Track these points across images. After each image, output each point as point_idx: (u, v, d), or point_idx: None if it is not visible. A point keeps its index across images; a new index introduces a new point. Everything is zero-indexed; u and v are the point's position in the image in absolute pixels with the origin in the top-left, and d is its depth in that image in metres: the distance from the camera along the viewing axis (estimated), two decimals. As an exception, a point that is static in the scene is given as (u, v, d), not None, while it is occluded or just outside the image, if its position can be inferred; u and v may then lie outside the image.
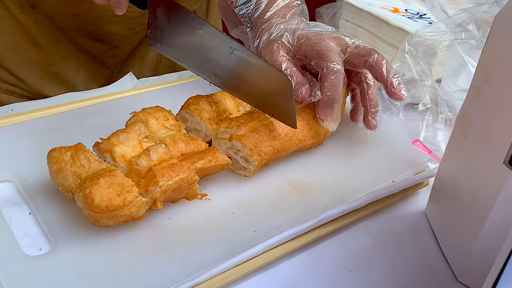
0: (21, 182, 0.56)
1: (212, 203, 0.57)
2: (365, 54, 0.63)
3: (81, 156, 0.53)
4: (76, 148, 0.53)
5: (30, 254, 0.49)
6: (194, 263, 0.49)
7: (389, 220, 0.61)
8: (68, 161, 0.52)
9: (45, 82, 0.83)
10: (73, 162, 0.52)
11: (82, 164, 0.52)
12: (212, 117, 0.62)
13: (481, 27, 0.70)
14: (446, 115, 0.72)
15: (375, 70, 0.63)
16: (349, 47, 0.65)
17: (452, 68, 0.74)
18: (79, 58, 0.84)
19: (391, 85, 0.63)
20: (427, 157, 0.68)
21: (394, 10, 0.88)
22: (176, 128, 0.60)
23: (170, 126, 0.60)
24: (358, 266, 0.55)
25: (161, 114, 0.60)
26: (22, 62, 0.81)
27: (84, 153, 0.53)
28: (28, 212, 0.54)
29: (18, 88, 0.83)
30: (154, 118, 0.59)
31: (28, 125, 0.65)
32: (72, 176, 0.52)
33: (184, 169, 0.53)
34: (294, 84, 0.62)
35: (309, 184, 0.61)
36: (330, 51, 0.62)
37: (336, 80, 0.61)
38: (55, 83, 0.84)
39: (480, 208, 0.50)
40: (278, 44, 0.64)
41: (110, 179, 0.49)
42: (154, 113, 0.60)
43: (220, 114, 0.63)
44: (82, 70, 0.85)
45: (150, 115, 0.59)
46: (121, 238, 0.51)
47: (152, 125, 0.59)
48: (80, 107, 0.70)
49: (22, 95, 0.84)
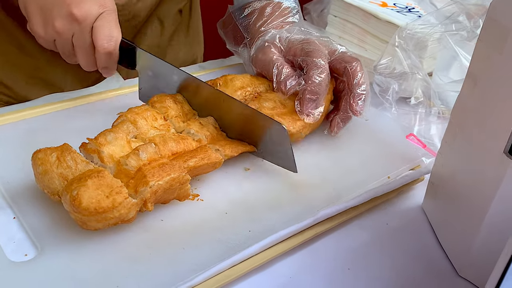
0: (4, 186, 0.54)
1: (205, 203, 0.55)
2: (348, 61, 0.66)
3: (67, 157, 0.51)
4: (62, 149, 0.52)
5: (15, 260, 0.47)
6: (188, 265, 0.47)
7: (386, 216, 0.60)
8: (54, 163, 0.50)
9: (31, 87, 0.81)
10: (59, 163, 0.50)
11: (69, 165, 0.50)
12: (178, 115, 0.61)
13: (472, 18, 0.69)
14: (439, 108, 0.71)
15: (349, 78, 0.65)
16: (336, 51, 0.67)
17: (443, 61, 0.73)
18: (65, 62, 0.82)
19: (354, 96, 0.64)
20: (421, 151, 0.67)
21: (383, 4, 0.87)
22: (165, 128, 0.59)
23: (159, 126, 0.58)
24: (357, 263, 0.53)
25: (150, 113, 0.59)
26: (7, 67, 0.79)
27: (70, 154, 0.51)
28: (12, 216, 0.52)
29: (4, 95, 0.81)
30: (142, 118, 0.58)
31: (10, 128, 0.63)
32: (58, 178, 0.50)
33: (175, 168, 0.51)
34: (284, 76, 0.64)
35: (303, 182, 0.60)
36: (317, 51, 0.65)
37: (320, 75, 0.63)
38: (41, 88, 0.82)
39: (480, 200, 0.49)
40: (269, 44, 0.68)
41: (98, 180, 0.47)
42: (142, 113, 0.58)
43: (185, 114, 0.62)
44: (69, 74, 0.83)
45: (138, 115, 0.58)
46: (110, 242, 0.49)
47: (141, 125, 0.57)
48: (64, 108, 0.68)
49: (7, 102, 0.81)
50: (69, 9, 0.60)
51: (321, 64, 0.64)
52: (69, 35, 0.62)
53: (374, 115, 0.73)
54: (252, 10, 0.74)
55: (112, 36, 0.62)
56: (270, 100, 0.65)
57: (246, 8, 0.75)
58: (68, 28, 0.61)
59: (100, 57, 0.63)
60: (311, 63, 0.64)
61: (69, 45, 0.63)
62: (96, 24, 0.61)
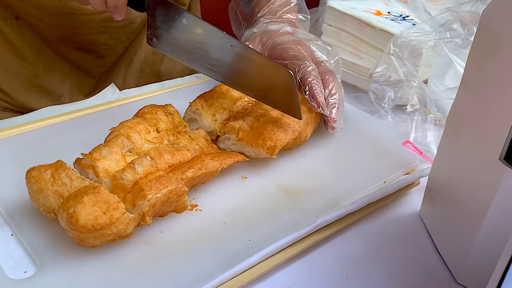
0: (1, 203, 0.54)
1: (203, 213, 0.55)
2: (323, 72, 0.67)
3: (62, 174, 0.50)
4: (56, 166, 0.51)
5: (15, 277, 0.46)
6: (189, 277, 0.47)
7: (384, 224, 0.60)
8: (49, 180, 0.50)
9: (29, 94, 0.82)
10: (53, 181, 0.50)
11: (64, 182, 0.50)
12: (168, 128, 0.61)
13: (466, 25, 0.70)
14: (435, 115, 0.71)
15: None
16: (316, 58, 0.69)
17: (438, 68, 0.73)
18: (64, 69, 0.83)
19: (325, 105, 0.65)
20: (418, 158, 0.67)
21: (377, 13, 0.88)
22: (159, 140, 0.58)
23: (153, 139, 0.58)
24: (355, 272, 0.53)
25: (142, 127, 0.58)
26: (6, 75, 0.79)
27: (65, 171, 0.50)
28: (10, 233, 0.51)
29: (2, 101, 0.81)
30: (135, 132, 0.57)
31: (6, 143, 0.63)
32: (54, 196, 0.49)
33: (172, 180, 0.51)
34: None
35: (300, 188, 0.60)
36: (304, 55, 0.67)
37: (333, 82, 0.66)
38: (40, 95, 0.82)
39: (477, 207, 0.49)
40: (257, 38, 0.69)
41: (95, 197, 0.47)
42: (134, 127, 0.58)
43: (175, 126, 0.62)
44: (67, 80, 0.84)
45: (131, 130, 0.57)
46: (110, 256, 0.49)
47: (135, 139, 0.57)
48: (60, 121, 0.68)
49: (6, 108, 0.82)
50: None
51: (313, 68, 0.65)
52: None
53: (370, 123, 0.73)
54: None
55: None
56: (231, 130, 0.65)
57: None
58: None
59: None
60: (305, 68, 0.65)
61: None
62: None
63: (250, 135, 0.61)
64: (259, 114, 0.63)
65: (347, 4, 0.89)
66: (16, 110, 0.82)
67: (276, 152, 0.60)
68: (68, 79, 0.84)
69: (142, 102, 0.74)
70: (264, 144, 0.60)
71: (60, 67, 0.82)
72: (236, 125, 0.62)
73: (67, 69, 0.83)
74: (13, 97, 0.81)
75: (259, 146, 0.60)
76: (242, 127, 0.62)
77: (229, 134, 0.62)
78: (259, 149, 0.60)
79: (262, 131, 0.61)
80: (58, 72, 0.82)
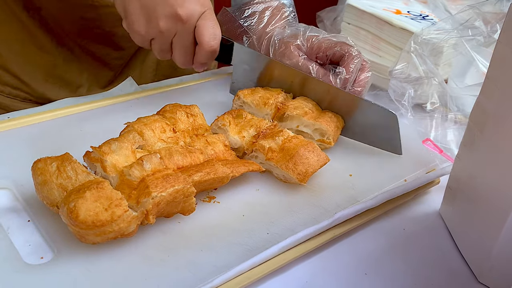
0: (18, 189, 0.54)
1: (221, 206, 0.55)
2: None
3: (67, 167, 0.49)
4: (62, 158, 0.50)
5: (32, 263, 0.46)
6: (206, 267, 0.47)
7: (403, 221, 0.59)
8: (54, 173, 0.49)
9: (48, 85, 0.82)
10: (59, 173, 0.49)
11: (69, 175, 0.49)
12: (186, 129, 0.60)
13: (489, 23, 0.69)
14: (455, 114, 0.70)
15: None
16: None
17: (459, 67, 0.72)
18: (83, 60, 0.83)
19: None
20: (438, 157, 0.66)
21: (397, 11, 0.87)
22: (174, 140, 0.57)
23: (167, 138, 0.57)
24: (374, 268, 0.52)
25: (158, 125, 0.57)
26: (26, 65, 0.80)
27: (71, 164, 0.49)
28: (27, 219, 0.51)
29: (22, 92, 0.82)
30: (150, 129, 0.56)
31: (24, 131, 0.63)
32: (58, 189, 0.48)
33: (179, 180, 0.49)
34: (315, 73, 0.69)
35: (320, 184, 0.60)
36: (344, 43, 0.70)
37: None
38: (59, 86, 0.83)
39: (501, 204, 0.48)
40: (293, 46, 0.71)
41: (97, 192, 0.45)
42: (150, 124, 0.56)
43: (195, 128, 0.60)
44: (86, 72, 0.84)
45: (146, 126, 0.56)
46: (128, 244, 0.49)
47: (148, 137, 0.55)
48: (78, 112, 0.68)
49: (25, 99, 0.83)
50: (174, 9, 0.61)
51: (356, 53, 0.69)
52: (171, 33, 0.64)
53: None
54: (253, 12, 0.77)
55: (216, 34, 0.65)
56: (298, 107, 0.65)
57: (246, 10, 0.77)
58: (172, 27, 0.63)
59: (202, 54, 0.66)
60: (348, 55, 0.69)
61: (168, 44, 0.65)
62: (200, 23, 0.64)
63: (280, 156, 0.59)
64: (290, 136, 0.61)
65: (366, 2, 0.89)
66: (35, 101, 0.83)
67: (307, 179, 0.57)
68: (87, 70, 0.84)
69: (159, 96, 0.75)
70: (295, 168, 0.57)
71: (79, 58, 0.82)
72: (266, 145, 0.59)
73: (86, 61, 0.83)
74: (33, 87, 0.82)
75: (289, 170, 0.57)
76: (271, 147, 0.59)
77: (257, 153, 0.60)
78: (289, 173, 0.57)
79: (293, 154, 0.58)
80: (77, 63, 0.82)
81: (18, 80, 0.80)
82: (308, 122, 0.63)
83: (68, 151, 0.52)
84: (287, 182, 0.59)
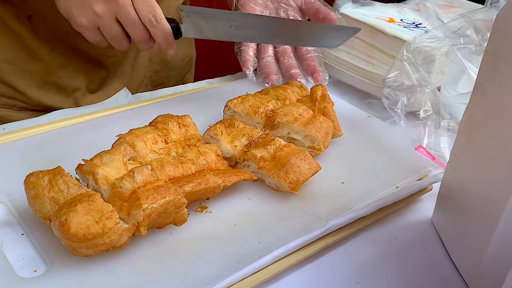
0: (12, 203, 0.54)
1: (213, 215, 0.55)
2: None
3: (59, 180, 0.50)
4: (54, 172, 0.50)
5: (25, 276, 0.47)
6: (198, 278, 0.47)
7: (395, 229, 0.59)
8: (46, 186, 0.49)
9: (43, 92, 0.82)
10: (50, 187, 0.49)
11: (61, 189, 0.49)
12: (178, 140, 0.60)
13: (480, 31, 0.69)
14: (448, 122, 0.71)
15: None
16: None
17: (451, 75, 0.73)
18: (77, 63, 0.83)
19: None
20: (430, 164, 0.66)
21: (390, 20, 0.87)
22: (165, 151, 0.57)
23: (159, 150, 0.57)
24: (366, 277, 0.53)
25: (150, 136, 0.57)
26: (20, 74, 0.80)
27: (62, 177, 0.50)
28: (21, 233, 0.51)
29: (18, 101, 0.82)
30: (141, 141, 0.56)
31: (19, 144, 0.63)
32: (50, 202, 0.48)
33: (170, 191, 0.49)
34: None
35: (312, 192, 0.60)
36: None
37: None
38: (54, 91, 0.83)
39: (490, 212, 0.48)
40: None
41: (88, 205, 0.46)
42: (142, 135, 0.57)
43: (188, 138, 0.61)
44: (80, 75, 0.85)
45: (137, 138, 0.56)
46: (121, 256, 0.49)
47: (139, 148, 0.56)
48: (73, 123, 0.69)
49: (21, 108, 0.83)
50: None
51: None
52: (111, 16, 0.64)
53: (383, 128, 0.73)
54: None
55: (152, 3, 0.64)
56: (288, 114, 0.65)
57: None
58: (108, 8, 0.63)
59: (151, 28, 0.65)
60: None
61: (116, 28, 0.65)
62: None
63: (272, 165, 0.59)
64: (282, 144, 0.61)
65: (359, 11, 0.89)
66: (32, 109, 0.83)
67: (298, 188, 0.58)
68: (82, 73, 0.84)
69: (154, 106, 0.75)
70: (287, 177, 0.57)
71: (73, 62, 0.82)
72: (257, 154, 0.59)
73: (80, 63, 0.83)
74: (29, 96, 0.82)
75: (281, 179, 0.57)
76: (263, 156, 0.60)
77: (249, 162, 0.60)
78: (281, 182, 0.58)
79: (284, 163, 0.58)
80: (71, 67, 0.83)
81: (13, 90, 0.81)
82: (298, 129, 0.63)
83: (62, 164, 0.52)
84: (279, 190, 0.59)
